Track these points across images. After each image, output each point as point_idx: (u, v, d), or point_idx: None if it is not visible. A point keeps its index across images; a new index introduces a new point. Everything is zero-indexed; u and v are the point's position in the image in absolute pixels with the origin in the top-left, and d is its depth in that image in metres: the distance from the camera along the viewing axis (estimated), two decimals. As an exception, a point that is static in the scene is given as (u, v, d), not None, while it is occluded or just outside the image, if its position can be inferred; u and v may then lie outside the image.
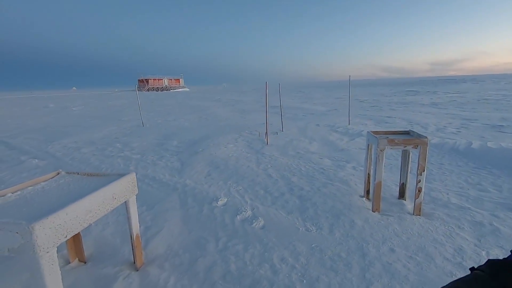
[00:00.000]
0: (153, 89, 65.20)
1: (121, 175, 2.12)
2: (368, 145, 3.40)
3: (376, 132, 3.35)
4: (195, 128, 9.54)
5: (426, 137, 2.94)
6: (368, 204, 3.26)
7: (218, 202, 3.44)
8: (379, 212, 3.07)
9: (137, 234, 2.30)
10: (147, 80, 65.71)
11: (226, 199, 3.54)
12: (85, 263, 2.40)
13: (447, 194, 3.51)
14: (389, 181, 3.95)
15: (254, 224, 2.93)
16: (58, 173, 2.25)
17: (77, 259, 2.43)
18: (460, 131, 7.44)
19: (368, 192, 3.48)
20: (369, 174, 3.45)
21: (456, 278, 2.01)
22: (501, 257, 2.08)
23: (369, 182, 3.45)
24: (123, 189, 2.08)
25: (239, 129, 8.69)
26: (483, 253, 2.34)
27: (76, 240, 2.40)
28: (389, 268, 2.20)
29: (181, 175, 4.56)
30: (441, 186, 3.78)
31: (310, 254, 2.41)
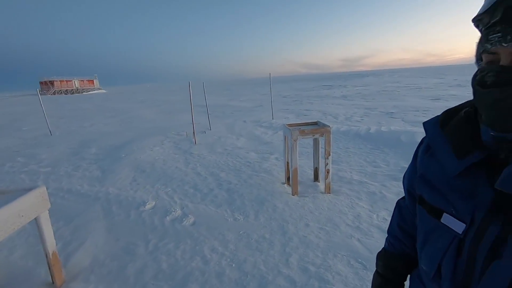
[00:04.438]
0: (60, 92, 57.01)
1: (27, 190, 1.95)
2: (285, 136, 3.80)
3: (290, 125, 3.76)
4: (117, 132, 8.86)
5: (329, 126, 3.45)
6: (289, 189, 3.66)
7: (146, 206, 3.39)
8: (297, 195, 3.49)
9: (53, 251, 2.15)
10: (51, 82, 56.96)
11: (154, 202, 3.50)
12: (-10, 293, 2.13)
13: (351, 172, 4.18)
14: (306, 167, 4.47)
15: (185, 222, 3.00)
16: None
17: (-22, 291, 2.13)
18: (363, 119, 8.74)
19: (288, 178, 3.90)
20: (287, 162, 3.86)
21: (354, 239, 2.46)
22: (387, 218, 2.64)
23: (288, 170, 3.86)
24: (32, 205, 1.93)
25: (165, 130, 8.43)
26: (374, 216, 2.92)
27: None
28: (305, 240, 2.57)
29: (103, 184, 4.27)
30: (347, 166, 4.46)
31: (238, 240, 2.63)
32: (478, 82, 0.51)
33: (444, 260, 0.58)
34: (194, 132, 6.74)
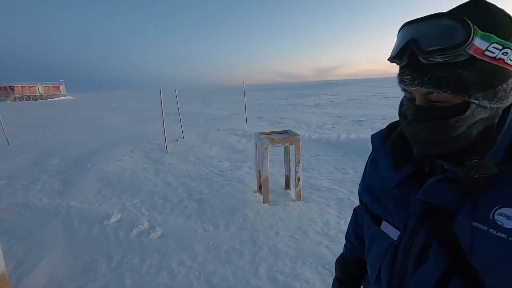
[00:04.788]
0: (22, 98, 53.44)
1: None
2: (256, 145, 3.82)
3: (261, 134, 3.79)
4: (83, 142, 8.42)
5: (298, 135, 3.52)
6: (260, 198, 3.66)
7: (111, 220, 3.23)
8: (268, 203, 3.50)
9: (2, 273, 1.97)
10: (12, 88, 53.24)
11: (120, 215, 3.34)
12: None
13: (321, 179, 4.27)
14: (278, 175, 4.51)
15: (152, 235, 2.89)
16: None
17: None
18: (334, 127, 9.02)
19: (260, 187, 3.90)
20: (259, 170, 3.86)
21: (323, 246, 2.49)
22: None
23: (260, 178, 3.87)
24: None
25: (136, 139, 8.15)
26: (342, 222, 2.99)
27: None
28: (274, 249, 2.57)
29: (64, 197, 4.02)
30: (317, 173, 4.56)
31: (208, 252, 2.57)
32: (402, 114, 0.58)
33: (383, 264, 0.62)
34: (165, 140, 6.58)
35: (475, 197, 0.49)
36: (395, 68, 0.59)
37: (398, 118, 0.64)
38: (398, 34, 0.55)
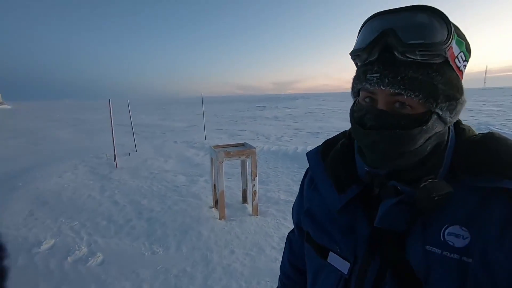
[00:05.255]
0: None
1: None
2: (211, 158, 3.68)
3: (216, 147, 3.67)
4: (16, 156, 7.46)
5: (254, 148, 3.47)
6: (216, 214, 3.50)
7: (42, 247, 2.80)
8: (224, 219, 3.35)
9: None
10: None
11: (53, 241, 2.93)
12: None
13: (278, 192, 4.25)
14: (236, 189, 4.39)
15: (91, 262, 2.56)
16: None
17: None
18: (292, 139, 9.23)
19: (216, 202, 3.74)
20: (215, 185, 3.71)
21: (279, 262, 2.39)
22: None
23: (216, 193, 3.72)
24: None
25: (82, 153, 7.44)
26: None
27: None
28: (228, 269, 2.42)
29: (-15, 222, 3.43)
30: (275, 186, 4.54)
31: (155, 278, 2.33)
32: (357, 121, 0.50)
33: None
34: (115, 154, 6.10)
35: (425, 218, 0.46)
36: (347, 84, 0.53)
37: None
38: (364, 27, 0.48)
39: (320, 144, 0.66)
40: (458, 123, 0.52)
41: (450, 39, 0.40)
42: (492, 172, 0.43)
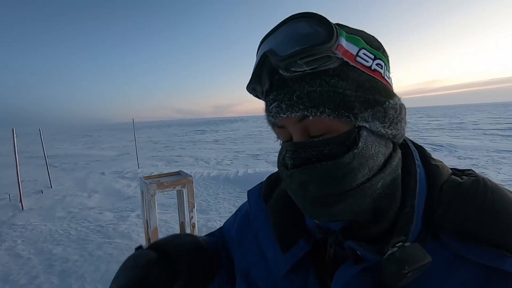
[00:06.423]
0: None
1: None
2: (142, 191, 3.28)
3: (147, 177, 3.29)
4: None
5: (191, 176, 3.21)
6: (149, 254, 3.07)
7: None
8: (159, 259, 2.95)
9: None
10: None
11: None
12: None
13: (220, 221, 4.00)
14: (173, 222, 4.00)
15: None
16: None
17: None
18: (233, 162, 9.12)
19: (150, 241, 3.30)
20: (147, 221, 3.29)
21: None
22: None
23: (148, 230, 3.29)
24: None
25: (-25, 195, 6.02)
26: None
27: None
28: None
29: None
30: (216, 215, 4.29)
31: None
32: (281, 163, 0.40)
33: None
34: (20, 193, 5.06)
35: None
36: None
37: None
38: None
39: (263, 174, 0.54)
40: (427, 158, 0.42)
41: (334, 37, 0.33)
42: (491, 243, 0.32)
